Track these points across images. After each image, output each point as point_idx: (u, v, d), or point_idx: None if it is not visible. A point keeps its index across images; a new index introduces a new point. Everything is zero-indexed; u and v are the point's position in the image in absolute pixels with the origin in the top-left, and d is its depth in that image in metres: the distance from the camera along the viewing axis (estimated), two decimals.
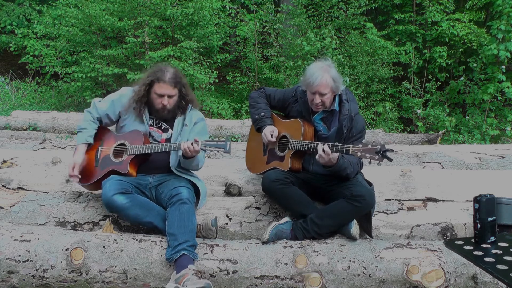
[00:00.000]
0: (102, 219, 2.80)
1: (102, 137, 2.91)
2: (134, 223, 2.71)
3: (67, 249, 2.39)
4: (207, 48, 9.13)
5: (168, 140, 2.83)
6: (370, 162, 2.39)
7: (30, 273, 2.36)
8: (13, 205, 2.89)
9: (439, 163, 3.90)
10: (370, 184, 2.78)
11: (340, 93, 2.74)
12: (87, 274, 2.36)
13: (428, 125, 8.14)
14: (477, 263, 1.36)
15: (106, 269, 2.37)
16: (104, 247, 2.42)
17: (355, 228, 2.55)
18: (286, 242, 2.52)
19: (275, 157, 2.88)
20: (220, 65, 9.35)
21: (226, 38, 9.90)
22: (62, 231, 2.61)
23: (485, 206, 1.48)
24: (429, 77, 8.53)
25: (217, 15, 9.02)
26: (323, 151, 2.47)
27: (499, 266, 1.29)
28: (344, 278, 2.34)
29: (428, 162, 3.91)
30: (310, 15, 9.37)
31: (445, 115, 7.91)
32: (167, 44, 8.63)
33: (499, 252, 1.40)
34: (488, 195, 1.50)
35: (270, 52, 8.98)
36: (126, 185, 2.63)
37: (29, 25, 10.20)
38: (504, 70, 7.54)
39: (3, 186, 3.09)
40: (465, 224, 2.77)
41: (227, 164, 3.56)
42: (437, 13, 8.65)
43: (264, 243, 2.50)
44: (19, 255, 2.39)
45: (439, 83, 8.52)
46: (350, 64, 8.60)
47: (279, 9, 9.47)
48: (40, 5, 10.57)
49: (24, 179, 3.33)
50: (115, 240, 2.47)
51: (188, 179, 2.78)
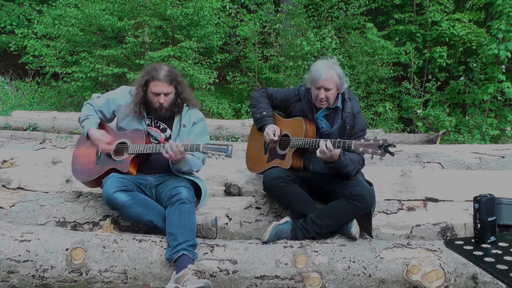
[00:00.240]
0: (102, 219, 2.80)
1: None
2: (135, 221, 2.71)
3: (67, 249, 2.39)
4: (207, 48, 9.13)
5: (168, 139, 2.83)
6: (372, 157, 2.43)
7: (30, 273, 2.36)
8: (13, 205, 2.89)
9: (439, 163, 3.90)
10: (371, 184, 2.78)
11: (343, 92, 2.78)
12: (87, 274, 2.36)
13: (428, 125, 8.15)
14: (477, 263, 1.36)
15: (106, 269, 2.37)
16: (104, 247, 2.42)
17: (355, 228, 2.56)
18: (286, 242, 2.52)
19: (276, 155, 2.88)
20: (220, 65, 9.35)
21: (226, 38, 9.90)
22: (62, 231, 2.61)
23: (485, 206, 1.48)
24: (429, 77, 8.53)
25: (217, 15, 9.01)
26: (326, 147, 2.48)
27: (499, 266, 1.29)
28: (344, 278, 2.34)
29: (428, 162, 3.91)
30: (310, 15, 9.36)
31: (445, 115, 7.91)
32: (167, 44, 8.63)
33: (499, 252, 1.40)
34: (488, 195, 1.50)
35: (270, 52, 8.98)
36: (128, 183, 2.63)
37: (29, 25, 10.20)
38: (504, 70, 7.54)
39: (3, 186, 3.09)
40: (465, 224, 2.77)
41: (227, 164, 3.55)
42: (437, 13, 8.65)
43: (264, 243, 2.50)
44: (19, 255, 2.38)
45: (439, 83, 8.52)
46: (350, 64, 8.60)
47: (279, 9, 9.47)
48: (40, 5, 10.57)
49: (24, 179, 3.33)
50: (115, 240, 2.47)
51: (188, 179, 2.78)
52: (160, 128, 2.86)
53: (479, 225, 1.47)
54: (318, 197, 2.81)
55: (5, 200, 2.92)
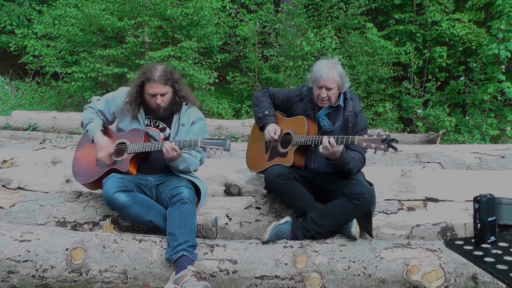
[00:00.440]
0: (102, 219, 2.80)
1: None
2: (135, 221, 2.71)
3: (67, 249, 2.39)
4: (207, 48, 9.13)
5: (167, 139, 2.82)
6: (375, 152, 2.44)
7: (30, 273, 2.36)
8: (13, 205, 2.89)
9: (439, 163, 3.90)
10: (371, 184, 2.79)
11: (344, 91, 2.81)
12: (87, 274, 2.36)
13: (428, 125, 8.14)
14: (477, 263, 1.36)
15: (106, 269, 2.37)
16: (104, 247, 2.42)
17: (355, 228, 2.56)
18: (286, 242, 2.52)
19: (278, 154, 2.89)
20: (220, 65, 9.35)
21: (226, 38, 9.90)
22: (62, 231, 2.61)
23: (485, 206, 1.48)
24: (429, 77, 8.52)
25: (217, 15, 9.01)
26: (329, 142, 2.49)
27: (499, 266, 1.29)
28: (344, 278, 2.34)
29: (428, 162, 3.91)
30: (310, 15, 9.36)
31: (445, 115, 7.91)
32: (167, 44, 8.63)
33: (499, 252, 1.40)
34: (488, 195, 1.50)
35: (270, 52, 8.98)
36: (127, 183, 2.63)
37: (29, 25, 10.21)
38: (504, 70, 7.54)
39: (3, 186, 3.09)
40: (465, 224, 2.77)
41: (227, 164, 3.56)
42: (437, 13, 8.65)
43: (264, 243, 2.50)
44: (19, 255, 2.38)
45: (439, 83, 8.51)
46: (350, 64, 8.59)
47: (279, 9, 9.47)
48: (40, 5, 10.57)
49: (24, 179, 3.33)
50: (115, 240, 2.47)
51: (188, 179, 2.78)
52: (159, 127, 2.85)
53: (479, 225, 1.47)
54: (318, 197, 2.80)
55: (5, 200, 2.92)
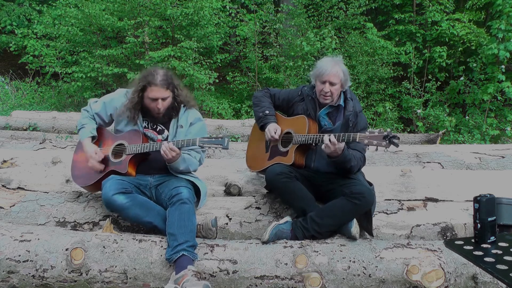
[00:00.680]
0: (102, 219, 2.80)
1: (101, 138, 2.91)
2: (134, 223, 2.71)
3: (67, 249, 2.39)
4: (207, 48, 9.13)
5: (165, 140, 2.82)
6: (377, 149, 2.46)
7: (30, 273, 2.36)
8: (13, 205, 2.89)
9: (439, 163, 3.90)
10: (371, 184, 2.80)
11: (345, 90, 2.84)
12: (87, 274, 2.36)
13: (428, 125, 8.14)
14: (477, 263, 1.36)
15: (106, 269, 2.37)
16: (104, 247, 2.42)
17: (355, 227, 2.56)
18: (286, 242, 2.52)
19: (278, 153, 2.89)
20: (220, 65, 9.35)
21: (226, 38, 9.90)
22: (62, 231, 2.61)
23: (485, 206, 1.48)
24: (429, 77, 8.53)
25: (217, 15, 9.02)
26: (330, 141, 2.51)
27: (499, 266, 1.29)
28: (344, 278, 2.34)
29: (428, 162, 3.91)
30: (310, 15, 9.36)
31: (445, 115, 7.91)
32: (167, 44, 8.63)
33: (499, 252, 1.40)
34: (488, 195, 1.50)
35: (270, 52, 8.98)
36: (126, 185, 2.63)
37: (29, 25, 10.21)
38: (504, 70, 7.54)
39: (3, 186, 3.09)
40: (465, 224, 2.77)
41: (227, 164, 3.56)
42: (437, 13, 8.65)
43: (264, 243, 2.50)
44: (19, 255, 2.38)
45: (439, 83, 8.51)
46: (350, 64, 8.59)
47: (279, 9, 9.47)
48: (40, 5, 10.57)
49: (24, 179, 3.33)
50: (115, 240, 2.47)
51: (187, 179, 2.77)
52: (157, 130, 2.85)
53: (479, 225, 1.47)
54: (318, 196, 2.80)
55: (5, 200, 2.92)
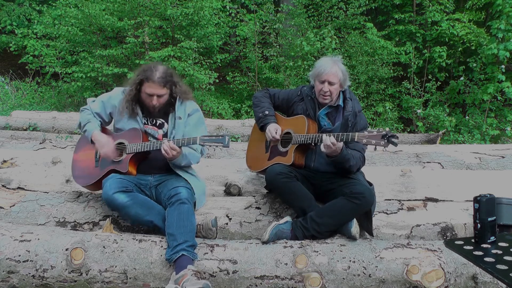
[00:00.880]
0: (102, 219, 2.80)
1: None
2: (135, 222, 2.70)
3: (67, 249, 2.39)
4: (207, 48, 9.13)
5: (166, 135, 2.82)
6: (375, 148, 2.46)
7: (30, 273, 2.36)
8: (13, 205, 2.89)
9: (439, 163, 3.90)
10: (371, 184, 2.79)
11: (344, 90, 2.84)
12: (87, 274, 2.36)
13: (428, 125, 8.14)
14: (477, 263, 1.36)
15: (106, 269, 2.37)
16: (104, 247, 2.42)
17: (355, 227, 2.56)
18: (286, 242, 2.52)
19: (278, 153, 2.89)
20: (220, 65, 9.35)
21: (226, 38, 9.90)
22: (62, 231, 2.61)
23: (485, 206, 1.48)
24: (429, 77, 8.53)
25: (217, 15, 9.02)
26: (329, 140, 2.51)
27: (499, 266, 1.29)
28: (344, 278, 2.34)
29: (428, 162, 3.91)
30: (310, 15, 9.36)
31: (445, 115, 7.91)
32: (167, 44, 8.63)
33: (499, 252, 1.40)
34: (488, 195, 1.50)
35: (270, 52, 8.98)
36: (127, 184, 2.63)
37: (29, 25, 10.21)
38: (504, 70, 7.54)
39: (3, 186, 3.09)
40: (465, 224, 2.77)
41: (227, 164, 3.56)
42: (437, 13, 8.65)
43: (264, 243, 2.50)
44: (19, 255, 2.38)
45: (439, 83, 8.51)
46: (350, 64, 8.59)
47: (279, 9, 9.47)
48: (40, 5, 10.57)
49: (24, 179, 3.33)
50: (115, 240, 2.47)
51: (187, 179, 2.77)
52: (157, 124, 2.84)
53: (479, 225, 1.47)
54: (318, 196, 2.80)
55: (5, 200, 2.92)
